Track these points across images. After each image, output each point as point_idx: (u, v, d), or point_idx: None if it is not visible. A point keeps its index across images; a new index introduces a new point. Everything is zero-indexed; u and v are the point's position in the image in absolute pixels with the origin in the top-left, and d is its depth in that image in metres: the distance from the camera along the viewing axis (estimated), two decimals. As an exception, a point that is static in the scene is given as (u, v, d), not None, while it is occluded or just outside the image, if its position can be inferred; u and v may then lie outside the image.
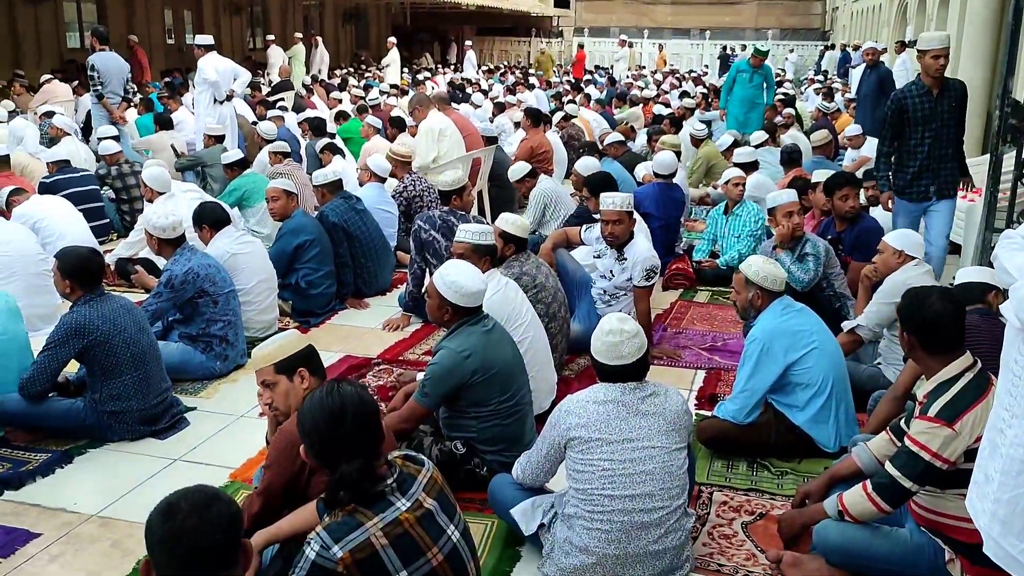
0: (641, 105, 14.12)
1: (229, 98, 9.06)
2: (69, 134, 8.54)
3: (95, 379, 3.80)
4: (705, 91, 16.79)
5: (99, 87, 8.62)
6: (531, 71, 22.37)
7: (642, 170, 7.44)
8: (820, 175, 6.05)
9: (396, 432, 3.22)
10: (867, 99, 10.14)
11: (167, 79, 14.75)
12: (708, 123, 10.51)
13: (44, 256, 5.22)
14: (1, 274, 4.89)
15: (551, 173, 8.31)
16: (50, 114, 9.09)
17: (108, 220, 7.21)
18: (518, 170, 6.87)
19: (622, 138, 8.80)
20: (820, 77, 21.20)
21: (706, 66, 27.62)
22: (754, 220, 6.36)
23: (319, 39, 19.74)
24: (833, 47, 26.33)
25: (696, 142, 9.59)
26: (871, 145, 8.81)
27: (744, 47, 26.58)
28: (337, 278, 5.69)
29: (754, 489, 3.51)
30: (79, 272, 3.79)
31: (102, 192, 7.27)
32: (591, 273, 5.10)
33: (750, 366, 3.62)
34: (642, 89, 17.17)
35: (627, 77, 21.46)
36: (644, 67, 27.13)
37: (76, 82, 13.16)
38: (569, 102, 12.44)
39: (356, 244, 5.81)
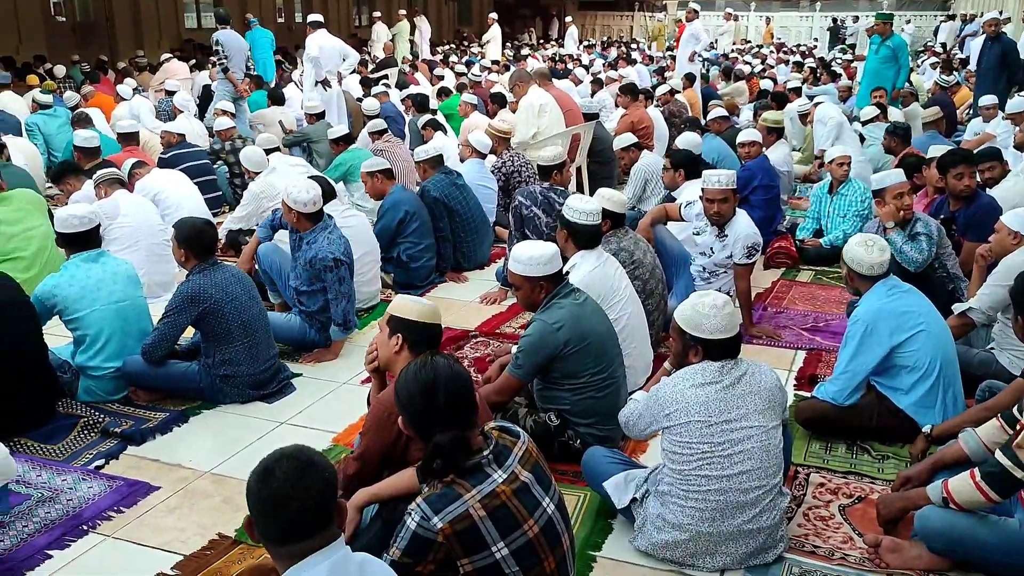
0: (746, 80, 13.78)
1: (333, 82, 9.18)
2: (182, 111, 8.94)
3: (208, 345, 4.00)
4: (813, 65, 16.23)
5: (224, 60, 8.97)
6: (637, 44, 22.09)
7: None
8: (935, 151, 5.80)
9: (491, 404, 3.27)
10: (988, 73, 9.60)
11: (277, 57, 15.22)
12: (813, 98, 10.17)
13: (163, 227, 5.50)
14: (125, 243, 5.16)
15: (651, 149, 8.22)
16: (171, 92, 9.51)
17: (221, 193, 7.53)
18: (623, 139, 6.83)
19: (726, 113, 8.60)
20: (938, 49, 20.19)
21: (815, 39, 26.68)
22: (860, 200, 6.15)
23: (422, 16, 19.96)
24: (953, 17, 24.99)
25: (804, 118, 9.31)
26: (997, 123, 8.37)
27: (856, 19, 25.55)
28: (437, 252, 5.80)
29: (853, 472, 3.44)
30: (194, 242, 3.99)
31: (216, 167, 7.58)
32: (690, 250, 5.05)
33: (852, 347, 3.53)
34: (748, 64, 16.74)
35: (731, 51, 20.92)
36: (750, 41, 26.41)
37: (193, 61, 13.72)
38: (685, 75, 12.20)
39: (456, 218, 5.90)
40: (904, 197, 4.64)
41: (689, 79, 11.70)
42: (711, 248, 4.85)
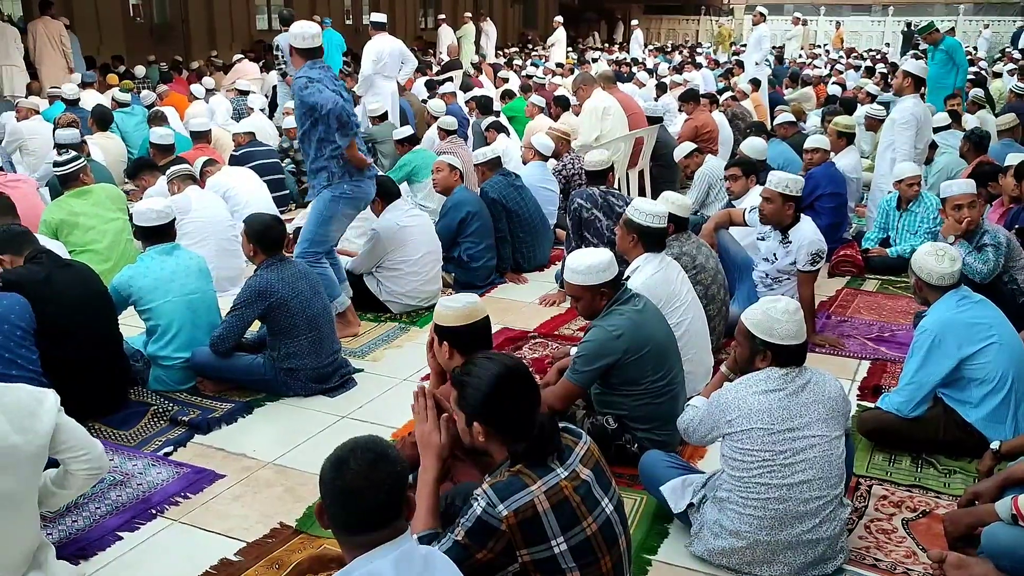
0: (813, 85, 13.55)
1: (390, 85, 9.16)
2: (253, 109, 9.15)
3: (274, 338, 4.09)
4: (885, 71, 15.87)
5: (283, 65, 9.15)
6: (702, 48, 21.87)
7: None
8: (1012, 160, 5.63)
9: (550, 411, 3.28)
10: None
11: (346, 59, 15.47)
12: (887, 104, 9.94)
13: (233, 223, 5.65)
14: (195, 237, 5.31)
15: (716, 153, 8.15)
16: (243, 92, 9.74)
17: (288, 192, 7.69)
18: (683, 149, 6.79)
19: (793, 118, 8.47)
20: (1016, 55, 19.56)
21: (887, 44, 26.07)
22: (932, 216, 6.00)
23: (488, 19, 20.08)
24: (1034, 22, 24.20)
25: (874, 124, 9.11)
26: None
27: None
28: (497, 253, 5.84)
29: (917, 485, 3.37)
30: (263, 237, 4.09)
31: (284, 165, 7.75)
32: (753, 256, 5.00)
33: (919, 357, 3.46)
34: (815, 69, 16.45)
35: (799, 56, 20.58)
36: (818, 46, 25.94)
37: (263, 62, 14.03)
38: (750, 80, 12.07)
39: (515, 219, 5.93)
40: (964, 209, 4.53)
41: (755, 84, 11.56)
42: (774, 254, 4.79)
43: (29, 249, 3.78)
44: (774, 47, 17.26)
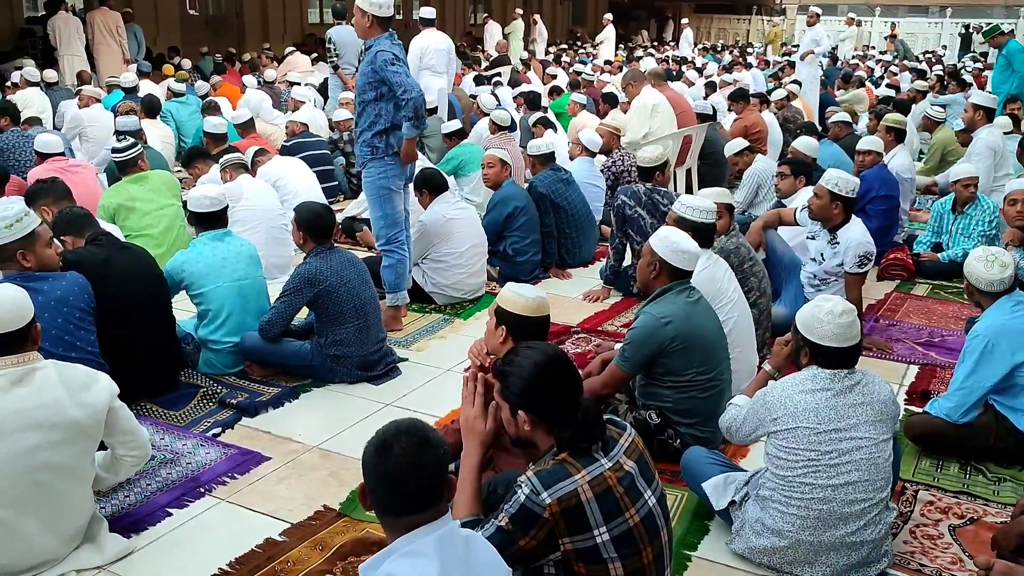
0: (866, 87, 13.34)
1: (437, 79, 9.06)
2: (304, 102, 9.26)
3: (322, 325, 4.15)
4: (941, 72, 15.57)
5: (335, 59, 9.24)
6: (753, 48, 21.63)
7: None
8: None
9: (596, 397, 3.29)
10: None
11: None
12: (944, 106, 9.77)
13: (282, 211, 5.74)
14: (246, 225, 5.40)
15: (764, 153, 8.07)
16: (294, 84, 9.86)
17: (337, 183, 7.78)
18: (735, 145, 6.74)
19: (847, 118, 8.32)
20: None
21: (944, 46, 25.56)
22: (987, 219, 5.89)
23: (537, 16, 20.08)
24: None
25: (931, 126, 8.96)
26: None
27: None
28: (542, 247, 5.85)
29: (965, 492, 3.31)
30: (312, 225, 4.15)
31: (333, 156, 7.84)
32: (801, 256, 4.95)
33: (970, 363, 3.40)
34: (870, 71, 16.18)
35: (852, 57, 20.27)
36: (873, 47, 25.50)
37: (315, 55, 14.20)
38: (792, 81, 11.95)
39: (561, 215, 5.94)
40: (1018, 204, 4.47)
41: (800, 85, 11.41)
42: (822, 254, 4.73)
43: (90, 231, 3.89)
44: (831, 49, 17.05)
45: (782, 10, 31.86)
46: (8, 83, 10.28)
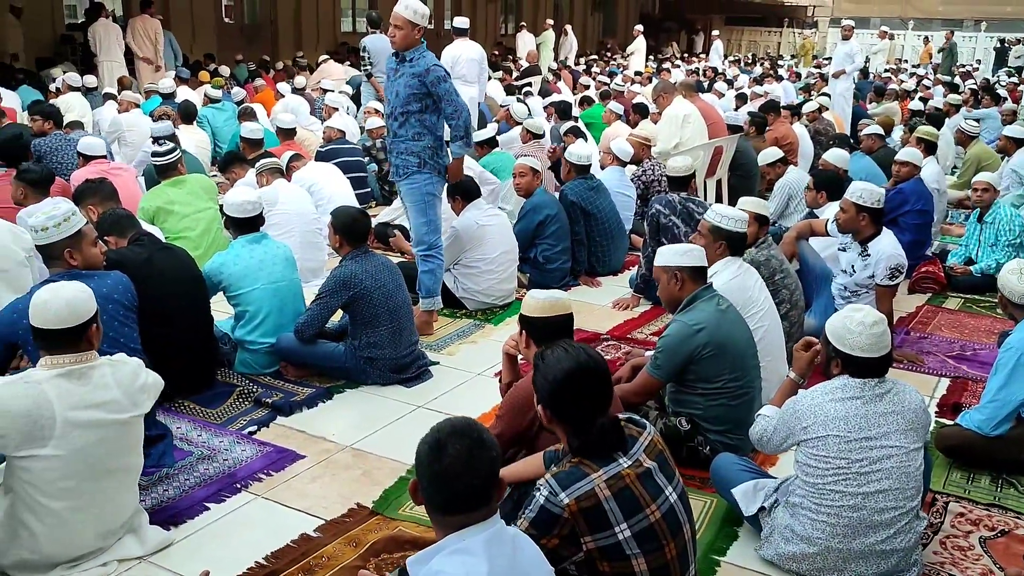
0: (898, 100, 13.27)
1: (469, 89, 9.10)
2: (337, 109, 9.38)
3: (356, 327, 4.22)
4: (975, 87, 15.44)
5: (369, 67, 9.34)
6: (785, 60, 21.56)
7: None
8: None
9: (628, 405, 3.33)
10: None
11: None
12: (978, 120, 9.70)
13: (317, 216, 5.83)
14: (281, 229, 5.49)
15: (795, 166, 8.06)
16: (327, 91, 9.99)
17: (370, 189, 7.88)
18: (770, 154, 6.74)
19: (881, 131, 8.28)
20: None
21: (978, 60, 25.31)
22: (1009, 227, 5.86)
23: (568, 27, 20.15)
24: None
25: (965, 140, 8.90)
26: None
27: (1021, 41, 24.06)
28: (572, 255, 5.89)
29: (997, 505, 3.31)
30: (349, 229, 4.23)
31: (367, 163, 7.94)
32: (833, 267, 4.95)
33: (1003, 375, 3.40)
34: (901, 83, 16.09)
35: (884, 71, 20.13)
36: (905, 61, 25.33)
37: (347, 63, 14.35)
38: (821, 94, 11.92)
39: (592, 222, 5.98)
40: None
41: (829, 97, 11.37)
42: (853, 266, 4.74)
43: (132, 231, 3.99)
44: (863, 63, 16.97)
45: (814, 23, 31.76)
46: (51, 88, 10.49)
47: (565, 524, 2.17)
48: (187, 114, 8.61)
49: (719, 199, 7.78)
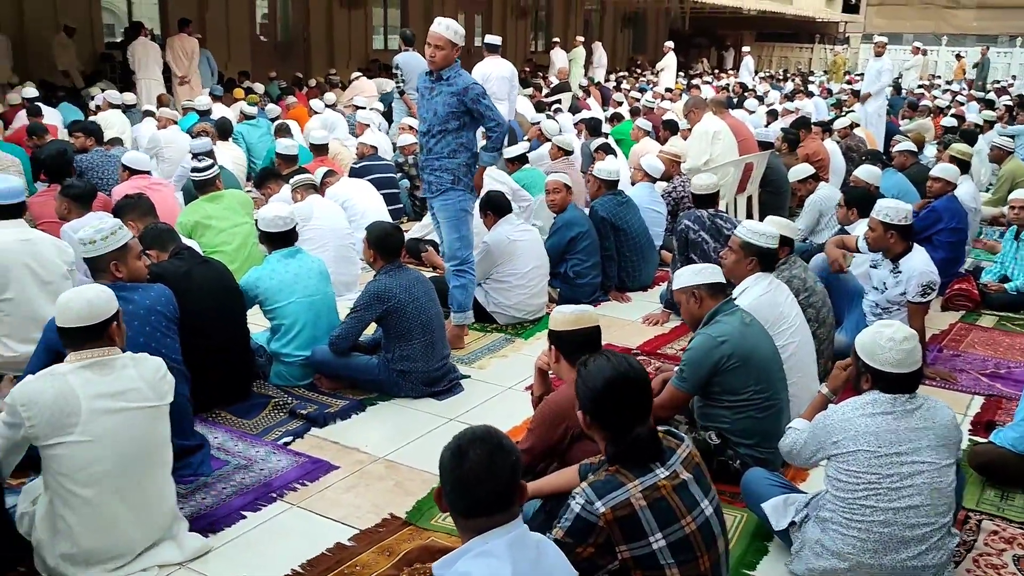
0: (931, 116, 13.18)
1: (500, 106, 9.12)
2: (368, 126, 9.51)
3: (389, 341, 4.28)
4: (1010, 103, 15.29)
5: (401, 84, 9.46)
6: (816, 76, 21.47)
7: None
8: None
9: (655, 418, 3.34)
10: None
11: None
12: (1013, 137, 9.63)
13: (350, 231, 5.92)
14: (316, 243, 5.57)
15: (827, 182, 8.03)
16: (359, 108, 10.13)
17: (402, 205, 7.97)
18: (801, 170, 6.74)
19: (914, 147, 8.22)
20: None
21: (1013, 76, 25.06)
22: None
23: (599, 43, 20.24)
24: None
25: (1000, 156, 8.83)
26: None
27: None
28: (602, 270, 5.93)
29: (1031, 524, 3.29)
30: (383, 244, 4.30)
31: (399, 179, 8.04)
32: (864, 284, 4.95)
33: (1038, 393, 3.38)
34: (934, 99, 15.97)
35: (917, 87, 20.01)
36: (938, 76, 25.13)
37: (379, 80, 14.51)
38: (849, 110, 11.88)
39: (621, 238, 6.01)
40: None
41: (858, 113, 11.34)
42: (884, 283, 4.73)
43: (173, 245, 4.09)
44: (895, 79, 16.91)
45: (845, 39, 31.61)
46: (91, 106, 10.73)
47: (601, 532, 2.21)
48: (223, 130, 8.77)
49: (749, 215, 7.78)
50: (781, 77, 23.83)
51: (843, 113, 12.32)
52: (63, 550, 2.75)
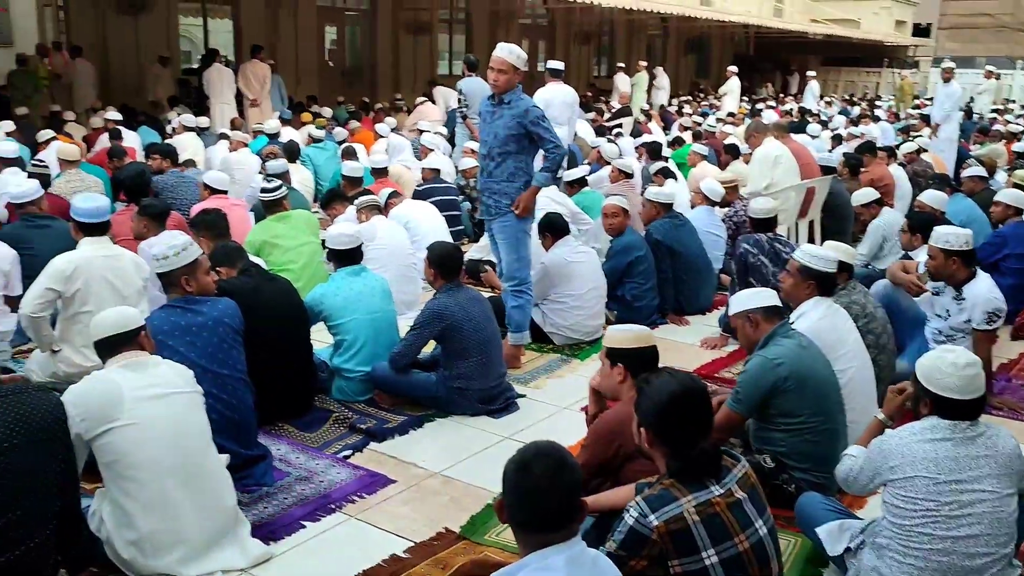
0: (1004, 141, 12.86)
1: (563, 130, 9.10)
2: (432, 150, 9.68)
3: (447, 358, 4.37)
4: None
5: (465, 108, 9.62)
6: (884, 101, 21.13)
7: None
8: None
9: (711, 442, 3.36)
10: None
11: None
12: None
13: (412, 251, 6.04)
14: (379, 263, 5.68)
15: (891, 207, 7.91)
16: (423, 131, 10.32)
17: (463, 227, 8.09)
18: (865, 195, 6.66)
19: (984, 173, 8.02)
20: None
21: (1091, 101, 24.30)
22: None
23: (661, 68, 20.26)
24: None
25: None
26: None
27: None
28: (660, 293, 5.93)
29: (1099, 558, 3.18)
30: (444, 263, 4.41)
31: (460, 202, 8.17)
32: (928, 311, 4.87)
33: (1107, 424, 3.29)
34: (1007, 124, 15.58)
35: (990, 112, 19.53)
36: (1012, 101, 24.49)
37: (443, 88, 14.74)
38: (917, 136, 11.68)
39: (678, 260, 6.01)
40: None
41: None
42: (947, 310, 4.65)
43: (241, 263, 4.25)
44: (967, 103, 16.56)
45: (915, 62, 31.02)
46: (167, 129, 11.16)
47: (654, 546, 2.24)
48: (291, 153, 9.02)
49: (811, 240, 7.69)
50: (851, 100, 23.51)
51: (910, 138, 12.10)
52: (128, 537, 2.89)
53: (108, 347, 3.01)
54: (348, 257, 4.61)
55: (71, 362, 4.27)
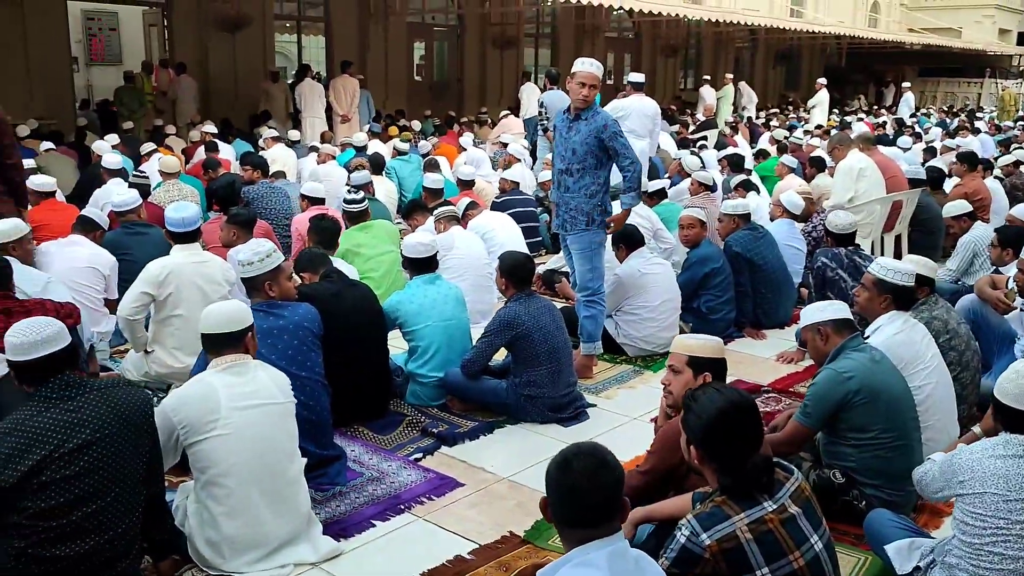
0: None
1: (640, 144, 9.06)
2: (519, 160, 9.80)
3: (517, 366, 4.43)
4: None
5: (545, 122, 9.71)
6: (984, 112, 20.35)
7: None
8: None
9: (778, 454, 3.32)
10: None
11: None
12: None
13: (489, 261, 6.14)
14: (456, 272, 5.83)
15: (987, 222, 7.63)
16: (506, 144, 10.46)
17: (541, 238, 8.17)
18: (957, 207, 6.45)
19: (1084, 187, 7.73)
20: None
21: None
22: None
23: (744, 83, 19.99)
24: None
25: None
26: None
27: None
28: (737, 306, 5.88)
29: None
30: (514, 272, 4.48)
31: (539, 214, 8.25)
32: (1018, 329, 4.70)
33: None
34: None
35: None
36: None
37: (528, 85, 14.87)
38: (1018, 148, 11.22)
39: (757, 274, 5.94)
40: None
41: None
42: (1038, 328, 4.48)
43: (324, 269, 4.42)
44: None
45: (1020, 72, 29.75)
46: (259, 143, 11.60)
47: (706, 564, 2.24)
48: (376, 165, 9.27)
49: (897, 255, 7.49)
50: (949, 112, 22.72)
51: (1011, 151, 11.64)
52: (208, 537, 3.03)
53: (213, 344, 3.11)
54: (423, 265, 4.72)
55: (163, 362, 4.50)
